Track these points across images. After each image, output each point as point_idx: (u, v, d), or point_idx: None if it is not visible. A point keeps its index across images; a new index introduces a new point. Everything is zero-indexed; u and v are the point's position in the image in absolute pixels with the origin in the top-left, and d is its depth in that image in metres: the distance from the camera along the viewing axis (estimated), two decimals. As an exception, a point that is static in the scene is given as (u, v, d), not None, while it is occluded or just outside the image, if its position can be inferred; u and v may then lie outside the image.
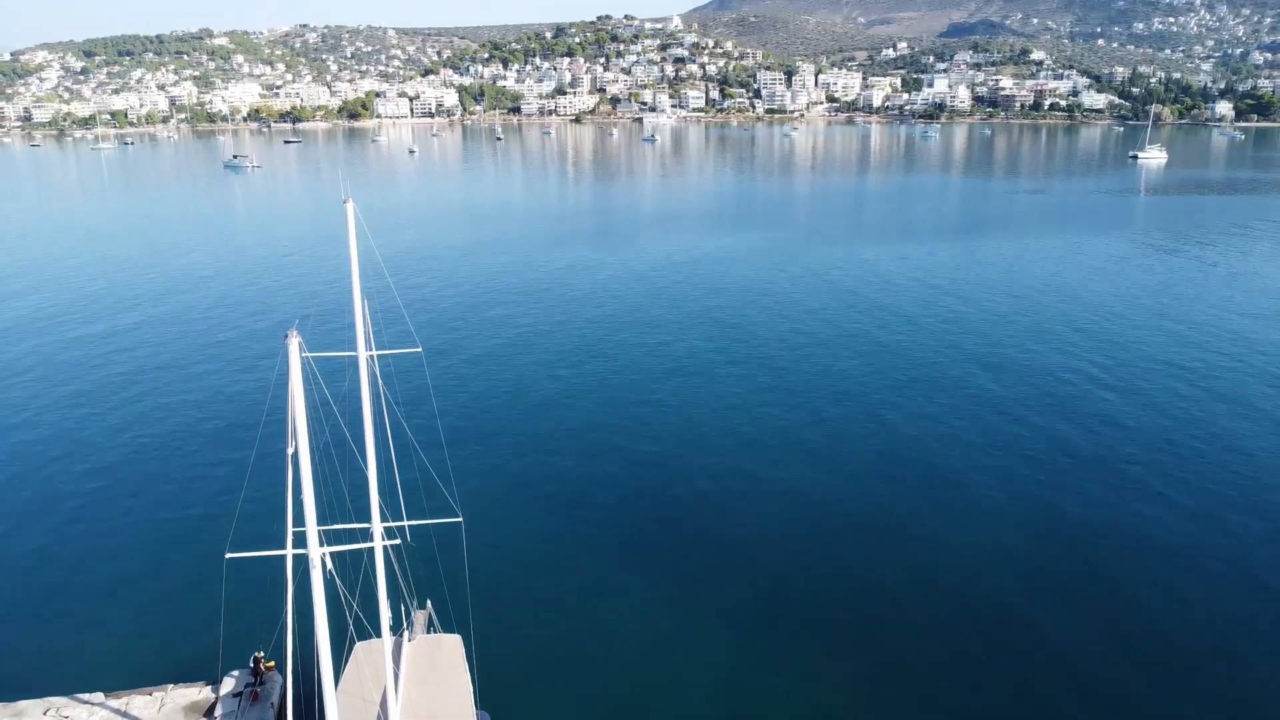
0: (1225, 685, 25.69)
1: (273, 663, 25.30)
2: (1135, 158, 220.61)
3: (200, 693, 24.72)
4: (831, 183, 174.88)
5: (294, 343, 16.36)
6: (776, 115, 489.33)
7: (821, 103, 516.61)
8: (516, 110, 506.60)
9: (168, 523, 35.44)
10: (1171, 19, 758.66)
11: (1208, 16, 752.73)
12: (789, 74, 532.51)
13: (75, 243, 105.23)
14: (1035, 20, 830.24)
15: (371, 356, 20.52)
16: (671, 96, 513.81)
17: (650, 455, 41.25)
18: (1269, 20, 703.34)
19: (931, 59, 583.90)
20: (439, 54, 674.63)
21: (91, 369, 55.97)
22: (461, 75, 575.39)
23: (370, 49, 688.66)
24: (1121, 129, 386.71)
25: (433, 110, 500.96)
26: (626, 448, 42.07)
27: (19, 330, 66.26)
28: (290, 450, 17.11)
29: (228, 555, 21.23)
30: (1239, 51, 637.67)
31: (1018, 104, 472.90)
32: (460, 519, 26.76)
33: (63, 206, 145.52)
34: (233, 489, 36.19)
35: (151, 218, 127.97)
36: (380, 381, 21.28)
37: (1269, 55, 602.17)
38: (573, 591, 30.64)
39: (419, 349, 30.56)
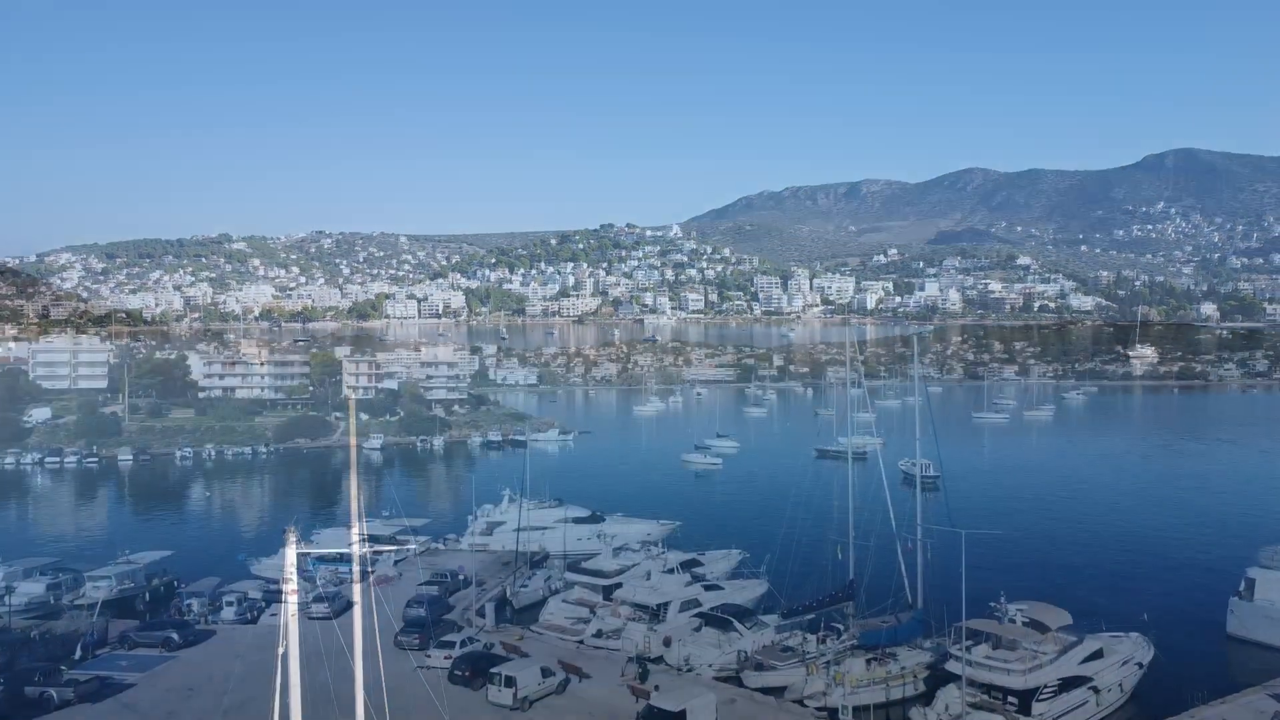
0: None
1: None
2: (1127, 358, 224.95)
3: None
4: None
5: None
6: (773, 317, 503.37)
7: (817, 305, 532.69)
8: (521, 312, 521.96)
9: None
10: (1150, 226, 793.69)
11: (1184, 224, 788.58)
12: (784, 278, 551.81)
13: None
14: (1019, 228, 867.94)
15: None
16: (671, 299, 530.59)
17: None
18: (1241, 228, 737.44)
19: (921, 264, 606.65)
20: (448, 259, 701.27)
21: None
22: (469, 279, 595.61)
23: (382, 254, 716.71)
24: (1111, 330, 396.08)
25: (440, 311, 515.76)
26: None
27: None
28: None
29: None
30: (1216, 256, 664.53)
31: (1007, 306, 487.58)
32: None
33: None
34: None
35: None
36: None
37: (1245, 260, 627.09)
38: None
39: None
